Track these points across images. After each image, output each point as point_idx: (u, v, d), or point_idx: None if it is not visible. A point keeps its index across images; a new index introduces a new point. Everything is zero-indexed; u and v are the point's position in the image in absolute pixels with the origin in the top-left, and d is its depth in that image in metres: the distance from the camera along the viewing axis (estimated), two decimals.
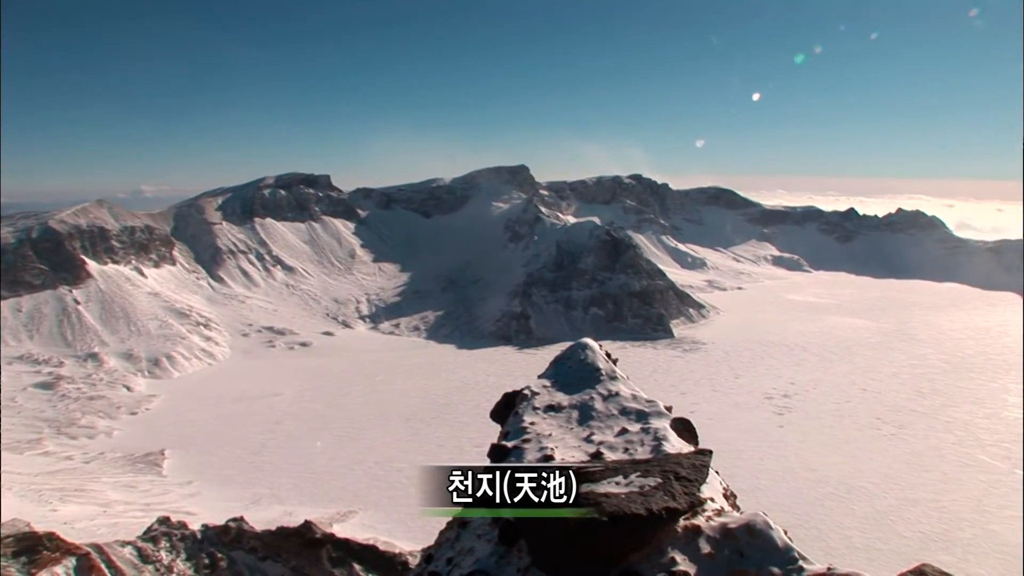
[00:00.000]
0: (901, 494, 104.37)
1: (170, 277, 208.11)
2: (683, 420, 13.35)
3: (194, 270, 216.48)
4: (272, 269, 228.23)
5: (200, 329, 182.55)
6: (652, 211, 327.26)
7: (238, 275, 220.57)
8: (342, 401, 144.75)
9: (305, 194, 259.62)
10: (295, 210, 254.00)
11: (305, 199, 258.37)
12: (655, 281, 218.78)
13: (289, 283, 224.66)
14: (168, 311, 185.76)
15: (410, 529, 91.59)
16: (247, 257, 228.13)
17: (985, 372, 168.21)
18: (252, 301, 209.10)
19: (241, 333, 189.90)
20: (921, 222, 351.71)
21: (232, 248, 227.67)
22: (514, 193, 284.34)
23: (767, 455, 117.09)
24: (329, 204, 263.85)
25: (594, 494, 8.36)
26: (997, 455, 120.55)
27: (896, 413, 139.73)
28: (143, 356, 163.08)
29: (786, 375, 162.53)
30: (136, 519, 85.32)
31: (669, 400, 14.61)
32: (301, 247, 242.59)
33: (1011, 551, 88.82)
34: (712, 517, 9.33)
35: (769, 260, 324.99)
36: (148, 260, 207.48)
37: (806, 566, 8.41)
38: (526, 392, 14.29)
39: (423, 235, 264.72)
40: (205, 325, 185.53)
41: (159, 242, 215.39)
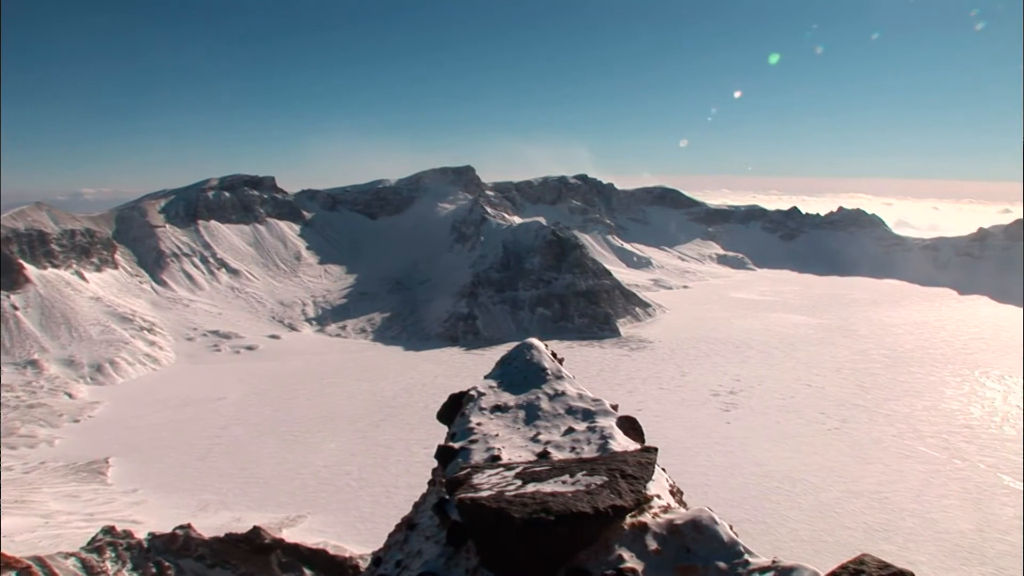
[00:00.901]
0: (845, 486, 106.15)
1: (112, 281, 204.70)
2: (629, 418, 13.40)
3: (137, 274, 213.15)
4: (217, 272, 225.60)
5: (144, 334, 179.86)
6: (598, 211, 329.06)
7: (182, 278, 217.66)
8: (289, 405, 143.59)
9: (250, 196, 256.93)
10: (240, 212, 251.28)
11: (250, 201, 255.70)
12: (601, 280, 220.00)
13: (234, 286, 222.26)
14: (111, 316, 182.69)
15: (360, 532, 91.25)
16: (191, 260, 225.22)
17: (924, 366, 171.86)
18: (197, 305, 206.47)
19: (186, 337, 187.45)
20: (862, 220, 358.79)
21: (176, 251, 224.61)
22: (460, 194, 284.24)
23: (714, 451, 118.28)
24: (274, 206, 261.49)
25: (541, 493, 8.35)
26: (936, 446, 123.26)
27: (839, 407, 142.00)
28: (85, 362, 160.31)
29: (732, 372, 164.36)
30: (80, 529, 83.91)
31: (616, 399, 14.68)
32: (246, 249, 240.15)
33: (949, 539, 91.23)
34: (659, 514, 9.36)
35: (714, 259, 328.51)
36: (89, 264, 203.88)
37: (751, 560, 8.47)
38: (472, 393, 14.26)
39: (369, 236, 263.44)
40: (149, 330, 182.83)
41: (100, 245, 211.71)
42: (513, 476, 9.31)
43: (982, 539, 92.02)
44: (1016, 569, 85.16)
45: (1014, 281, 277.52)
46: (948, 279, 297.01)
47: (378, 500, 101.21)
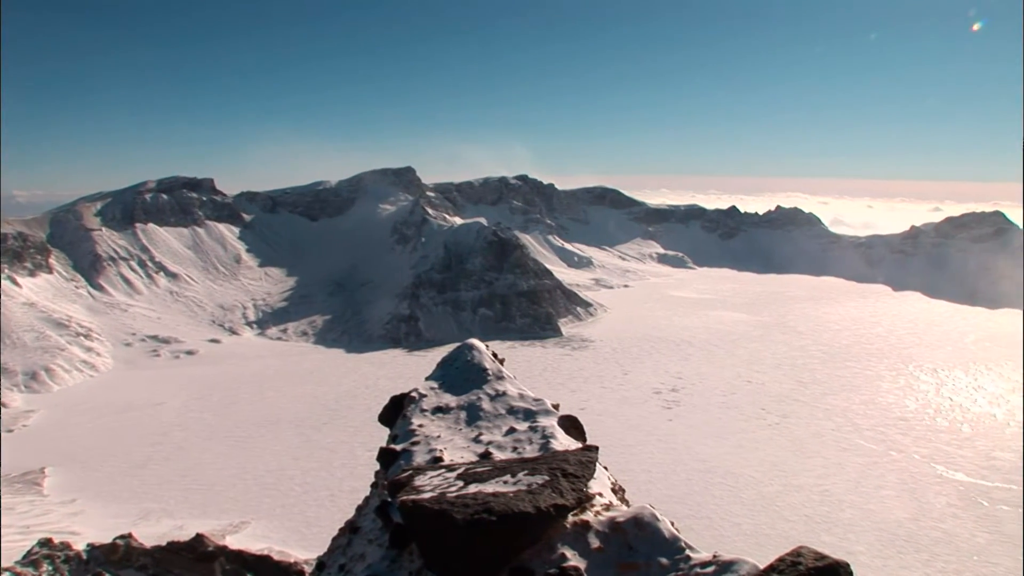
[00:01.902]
0: (786, 480, 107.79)
1: (47, 286, 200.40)
2: (570, 417, 13.46)
3: (72, 278, 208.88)
4: (155, 276, 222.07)
5: (80, 340, 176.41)
6: (538, 211, 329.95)
7: (119, 283, 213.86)
8: (230, 409, 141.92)
9: (188, 198, 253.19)
10: (178, 215, 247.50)
11: (188, 203, 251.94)
12: (542, 281, 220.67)
13: (173, 290, 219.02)
14: (45, 322, 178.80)
15: (304, 537, 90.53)
16: (128, 264, 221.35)
17: (860, 360, 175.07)
18: (135, 309, 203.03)
19: (124, 343, 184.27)
20: (799, 219, 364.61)
21: (113, 255, 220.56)
22: (400, 195, 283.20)
23: (657, 448, 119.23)
24: (213, 208, 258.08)
25: (483, 494, 8.36)
26: (873, 439, 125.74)
27: (779, 403, 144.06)
28: (19, 370, 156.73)
29: (673, 370, 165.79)
30: (14, 543, 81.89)
31: (559, 398, 14.75)
32: (185, 253, 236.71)
33: (887, 528, 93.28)
34: (600, 512, 9.42)
35: (654, 258, 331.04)
36: (22, 269, 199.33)
37: (692, 555, 8.57)
38: (413, 395, 14.21)
39: (310, 238, 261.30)
40: (86, 335, 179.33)
41: (34, 250, 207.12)
42: (455, 477, 9.31)
43: (917, 527, 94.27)
44: (950, 555, 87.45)
45: (944, 277, 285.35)
46: (882, 276, 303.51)
47: (322, 504, 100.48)
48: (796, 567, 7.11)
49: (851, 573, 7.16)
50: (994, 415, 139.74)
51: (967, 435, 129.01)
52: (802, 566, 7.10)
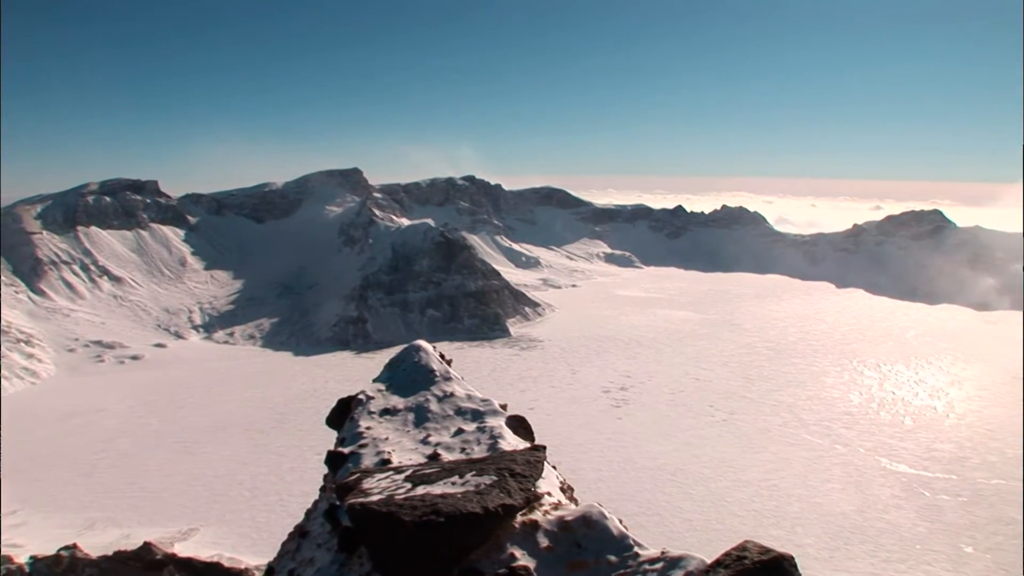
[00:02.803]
0: (734, 476, 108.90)
1: None
2: (518, 417, 13.52)
3: (12, 283, 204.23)
4: (98, 280, 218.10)
5: (20, 346, 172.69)
6: (486, 212, 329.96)
7: (61, 287, 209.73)
8: (178, 415, 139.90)
9: (132, 201, 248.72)
10: (121, 217, 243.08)
11: (132, 206, 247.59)
12: (490, 281, 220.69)
13: (117, 294, 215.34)
14: None
15: (255, 543, 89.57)
16: (71, 268, 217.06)
17: (806, 356, 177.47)
18: (78, 314, 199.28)
19: (67, 349, 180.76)
20: (744, 218, 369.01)
21: (54, 259, 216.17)
22: (348, 196, 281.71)
23: (607, 447, 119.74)
24: (157, 211, 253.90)
25: (431, 495, 8.37)
26: (819, 433, 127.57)
27: (727, 399, 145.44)
28: None
29: (621, 368, 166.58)
30: None
31: (508, 398, 14.81)
32: (129, 256, 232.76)
33: (834, 520, 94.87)
34: (549, 511, 9.48)
35: (601, 257, 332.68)
36: None
37: (641, 552, 8.65)
38: (361, 397, 14.18)
39: (256, 241, 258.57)
40: (26, 342, 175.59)
41: None
42: (403, 479, 9.32)
43: (863, 519, 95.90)
44: (894, 545, 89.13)
45: (886, 274, 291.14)
46: (826, 273, 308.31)
47: (272, 509, 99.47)
48: (742, 561, 7.24)
49: (795, 565, 7.29)
50: (935, 408, 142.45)
51: (909, 428, 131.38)
52: (748, 560, 7.22)
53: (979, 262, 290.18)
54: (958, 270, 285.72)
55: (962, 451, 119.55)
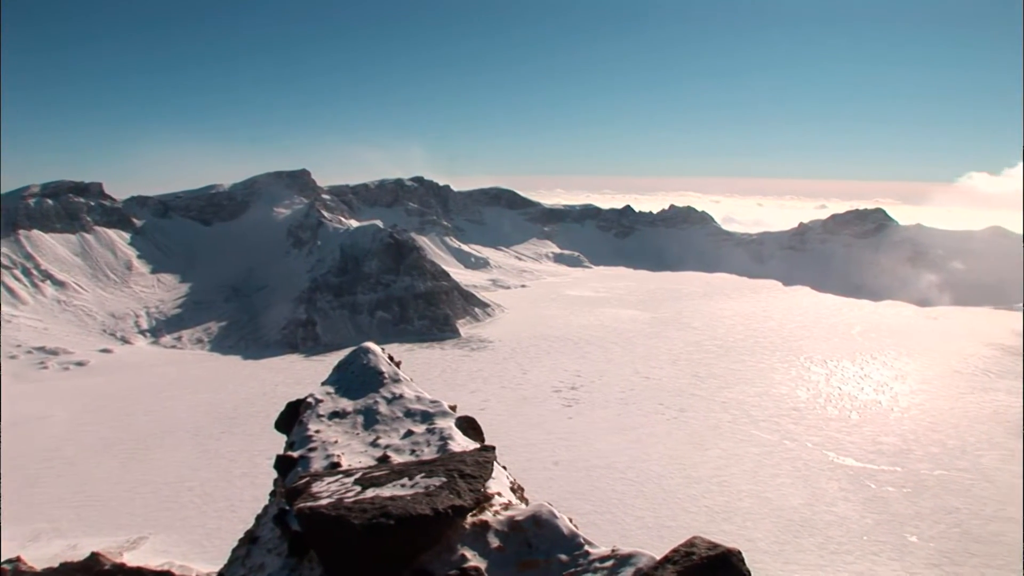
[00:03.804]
0: (686, 473, 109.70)
1: None
2: (468, 418, 13.54)
3: None
4: (41, 285, 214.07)
5: None
6: (435, 213, 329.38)
7: (2, 293, 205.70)
8: (125, 421, 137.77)
9: (75, 203, 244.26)
10: (64, 220, 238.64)
11: (75, 208, 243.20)
12: (440, 282, 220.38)
13: (60, 299, 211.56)
14: None
15: (206, 550, 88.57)
16: (11, 273, 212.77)
17: (754, 354, 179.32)
18: (19, 320, 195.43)
19: (8, 355, 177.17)
20: (692, 217, 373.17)
21: None
22: (296, 198, 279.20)
23: (558, 446, 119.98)
24: (102, 213, 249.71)
25: (380, 498, 8.36)
26: (768, 429, 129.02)
27: (677, 397, 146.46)
28: None
29: (572, 368, 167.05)
30: None
31: (459, 399, 14.84)
32: (72, 260, 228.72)
33: (783, 514, 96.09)
34: (500, 511, 9.51)
35: (550, 257, 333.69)
36: None
37: (591, 550, 8.72)
38: (310, 400, 14.11)
39: (203, 243, 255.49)
40: None
41: None
42: (352, 482, 9.30)
43: (812, 512, 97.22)
44: (842, 536, 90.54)
45: (831, 272, 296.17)
46: (772, 271, 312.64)
47: (223, 515, 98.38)
48: (690, 557, 7.33)
49: (742, 560, 7.39)
50: (879, 402, 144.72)
51: (855, 422, 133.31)
52: (696, 556, 7.32)
53: (920, 260, 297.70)
54: (900, 267, 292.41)
55: (906, 443, 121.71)
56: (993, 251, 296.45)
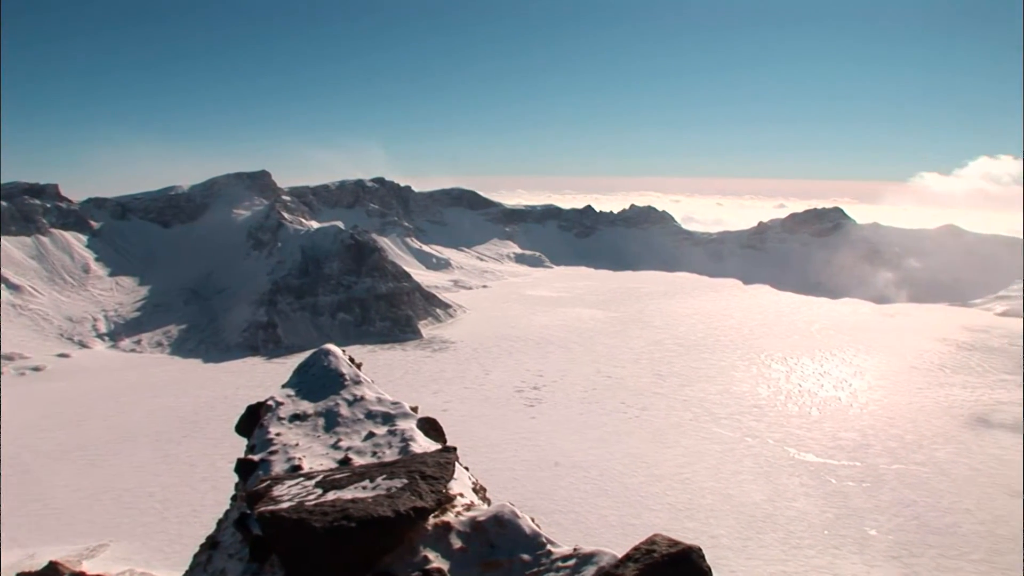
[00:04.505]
0: (648, 471, 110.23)
1: None
2: (429, 419, 13.55)
3: None
4: None
5: None
6: (396, 214, 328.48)
7: None
8: (83, 427, 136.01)
9: (30, 205, 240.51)
10: (19, 223, 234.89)
11: (30, 211, 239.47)
12: (401, 283, 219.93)
13: (16, 303, 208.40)
14: None
15: (168, 556, 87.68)
16: None
17: (715, 352, 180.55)
18: None
19: None
20: (652, 217, 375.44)
21: None
22: (256, 199, 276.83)
23: (521, 446, 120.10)
24: (58, 216, 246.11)
25: (341, 501, 8.34)
26: (729, 426, 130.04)
27: (639, 396, 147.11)
28: None
29: (534, 368, 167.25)
30: None
31: (421, 400, 14.84)
32: (28, 263, 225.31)
33: (745, 510, 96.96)
34: (462, 512, 9.53)
35: (512, 258, 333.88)
36: None
37: (553, 549, 8.76)
38: (270, 403, 14.04)
39: (163, 246, 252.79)
40: None
41: None
42: (314, 485, 9.27)
43: (774, 508, 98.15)
44: (803, 531, 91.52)
45: (790, 270, 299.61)
46: (733, 270, 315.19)
47: (185, 520, 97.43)
48: (651, 554, 7.38)
49: (702, 557, 7.46)
50: (839, 398, 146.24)
51: (815, 418, 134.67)
52: (657, 553, 7.37)
53: (877, 258, 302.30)
54: (858, 265, 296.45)
55: (865, 439, 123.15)
56: (947, 249, 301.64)
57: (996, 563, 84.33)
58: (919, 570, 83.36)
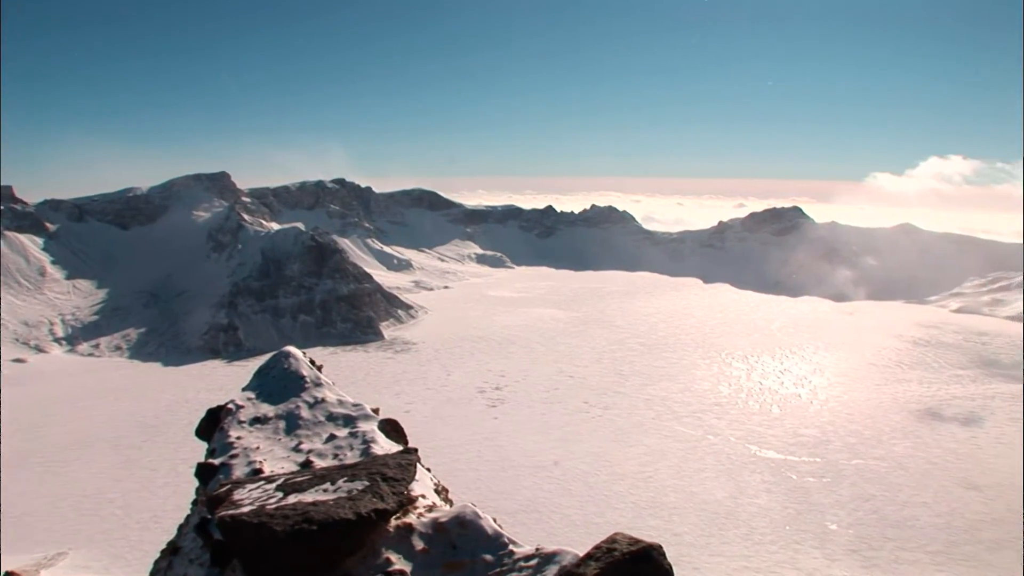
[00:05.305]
0: (611, 470, 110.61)
1: None
2: (391, 421, 13.54)
3: None
4: None
5: None
6: (356, 215, 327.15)
7: None
8: (40, 433, 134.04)
9: None
10: None
11: None
12: (362, 284, 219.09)
13: None
14: None
15: (128, 563, 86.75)
16: None
17: (676, 351, 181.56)
18: None
19: None
20: (613, 217, 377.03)
21: None
22: (215, 201, 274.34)
23: (484, 447, 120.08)
24: (13, 218, 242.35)
25: (303, 504, 8.33)
26: (691, 424, 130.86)
27: (601, 395, 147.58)
28: None
29: (496, 368, 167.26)
30: None
31: (383, 402, 14.83)
32: None
33: (708, 507, 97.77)
34: (424, 513, 9.54)
35: (473, 258, 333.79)
36: None
37: (516, 549, 8.80)
38: (230, 406, 13.96)
39: (121, 248, 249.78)
40: None
41: None
42: (275, 488, 9.24)
43: (736, 504, 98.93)
44: (765, 527, 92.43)
45: (750, 269, 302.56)
46: (693, 269, 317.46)
47: (146, 526, 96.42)
48: (612, 553, 7.44)
49: (663, 554, 7.52)
50: (799, 395, 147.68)
51: (776, 415, 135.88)
52: (617, 552, 7.43)
53: (835, 256, 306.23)
54: (817, 264, 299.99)
55: (825, 435, 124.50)
56: (903, 247, 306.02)
57: (953, 554, 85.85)
58: (879, 563, 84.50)
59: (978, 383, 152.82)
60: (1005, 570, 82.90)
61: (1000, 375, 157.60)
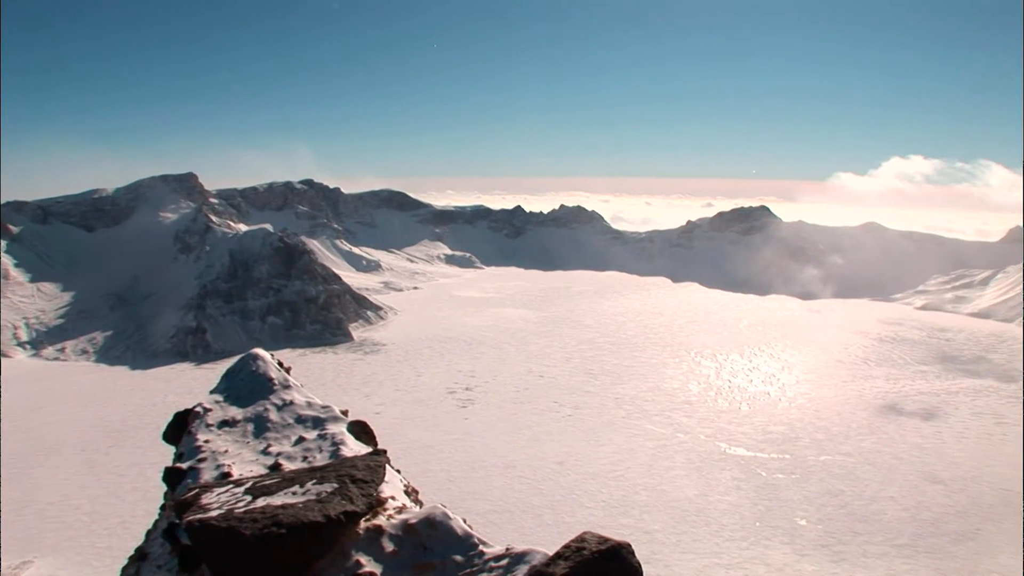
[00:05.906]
0: (582, 469, 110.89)
1: None
2: (360, 423, 13.50)
3: None
4: None
5: None
6: (325, 216, 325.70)
7: None
8: (5, 439, 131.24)
9: None
10: None
11: None
12: (331, 286, 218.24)
13: None
14: None
15: (96, 570, 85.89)
16: None
17: (646, 350, 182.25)
18: None
19: None
20: (582, 217, 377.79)
21: None
22: (182, 202, 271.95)
23: (455, 447, 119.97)
24: None
25: (271, 507, 8.30)
26: (661, 423, 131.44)
27: (571, 395, 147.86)
28: None
29: (466, 369, 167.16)
30: None
31: (353, 403, 14.80)
32: None
33: (679, 505, 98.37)
34: (393, 515, 9.53)
35: (442, 259, 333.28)
36: None
37: (486, 549, 8.82)
38: (198, 410, 13.87)
39: (86, 250, 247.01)
40: None
41: None
42: (243, 492, 9.20)
43: (706, 502, 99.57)
44: (736, 524, 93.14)
45: (718, 268, 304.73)
46: (662, 268, 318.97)
47: (114, 532, 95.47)
48: (581, 552, 7.48)
49: (632, 552, 7.57)
50: (768, 393, 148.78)
51: (745, 413, 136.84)
52: (587, 551, 7.46)
53: (802, 255, 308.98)
54: (784, 262, 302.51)
55: (793, 432, 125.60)
56: (868, 246, 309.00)
57: (918, 547, 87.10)
58: (847, 557, 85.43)
59: (941, 379, 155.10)
60: (968, 561, 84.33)
61: (962, 371, 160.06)
